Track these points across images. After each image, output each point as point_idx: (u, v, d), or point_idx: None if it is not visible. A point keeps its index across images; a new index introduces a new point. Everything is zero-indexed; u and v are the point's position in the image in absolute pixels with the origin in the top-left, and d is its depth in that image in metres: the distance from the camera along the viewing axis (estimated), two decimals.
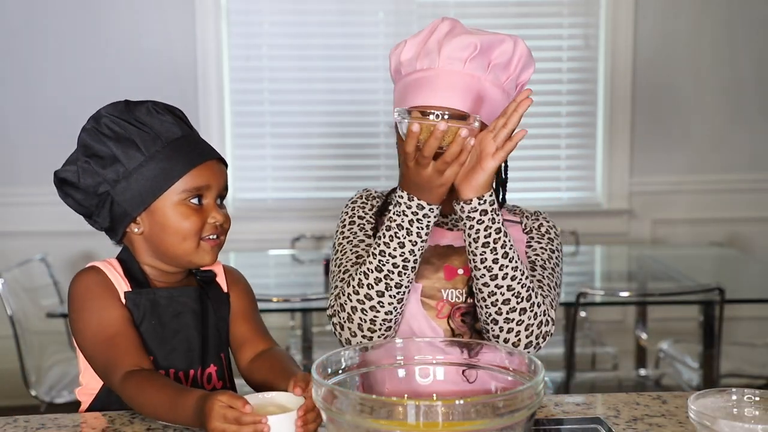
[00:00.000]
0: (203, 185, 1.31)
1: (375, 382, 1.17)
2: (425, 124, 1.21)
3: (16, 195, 3.79)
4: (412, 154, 1.24)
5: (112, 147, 1.30)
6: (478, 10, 3.80)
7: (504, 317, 1.32)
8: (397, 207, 1.30)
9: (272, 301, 2.65)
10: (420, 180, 1.26)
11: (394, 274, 1.31)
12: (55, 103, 3.75)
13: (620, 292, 2.81)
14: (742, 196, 3.96)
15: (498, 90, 1.41)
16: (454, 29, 1.39)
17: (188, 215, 1.30)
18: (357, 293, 1.33)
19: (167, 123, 1.32)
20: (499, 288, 1.31)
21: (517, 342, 1.33)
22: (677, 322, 3.71)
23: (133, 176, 1.29)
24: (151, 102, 1.34)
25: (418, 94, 1.37)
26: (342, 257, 1.44)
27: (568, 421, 1.24)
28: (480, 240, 1.30)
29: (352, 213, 1.50)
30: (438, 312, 1.41)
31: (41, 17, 3.73)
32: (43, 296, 3.09)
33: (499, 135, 1.27)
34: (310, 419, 1.13)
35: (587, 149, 3.97)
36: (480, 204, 1.29)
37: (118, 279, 1.32)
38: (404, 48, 1.41)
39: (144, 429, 1.21)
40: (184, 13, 3.77)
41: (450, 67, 1.36)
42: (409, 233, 1.29)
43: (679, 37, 3.88)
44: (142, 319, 1.31)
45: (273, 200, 3.94)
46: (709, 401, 1.11)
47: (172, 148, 1.30)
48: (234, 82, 3.86)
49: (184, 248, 1.32)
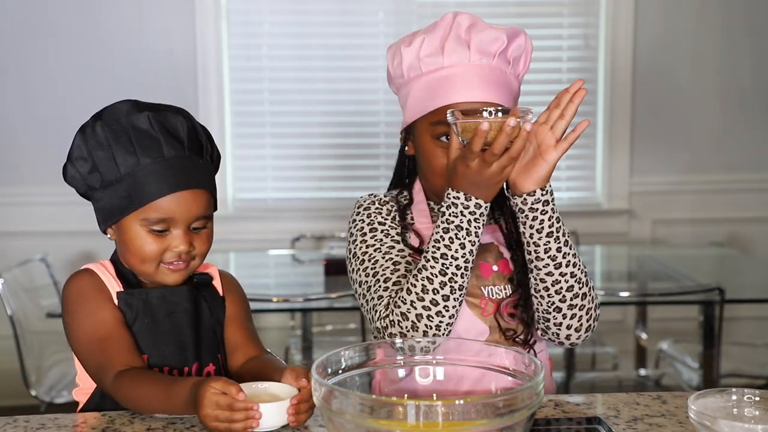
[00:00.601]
0: (166, 218, 1.29)
1: (375, 382, 1.17)
2: (494, 121, 1.21)
3: (16, 195, 3.79)
4: (478, 152, 1.23)
5: (96, 155, 1.30)
6: (478, 10, 3.77)
7: (568, 304, 1.35)
8: (453, 208, 1.29)
9: (272, 301, 2.65)
10: (481, 178, 1.25)
11: (458, 276, 1.31)
12: (55, 103, 3.75)
13: (620, 292, 2.81)
14: (742, 196, 3.96)
15: (517, 83, 1.44)
16: (476, 23, 1.40)
17: (149, 241, 1.30)
18: (422, 299, 1.30)
19: (154, 142, 1.29)
20: (563, 276, 1.34)
21: (579, 327, 1.38)
22: (677, 322, 3.71)
23: (108, 189, 1.31)
24: (152, 111, 1.32)
25: (454, 91, 1.36)
26: (375, 266, 1.40)
27: (568, 421, 1.24)
28: (544, 230, 1.32)
29: (369, 220, 1.45)
30: (483, 310, 1.41)
31: (42, 17, 3.73)
32: (43, 296, 3.08)
33: (557, 126, 1.28)
34: (302, 409, 1.16)
35: (587, 149, 3.97)
36: (543, 195, 1.31)
37: (110, 280, 1.34)
38: (423, 43, 1.39)
39: (144, 429, 1.21)
40: (184, 13, 3.77)
41: (480, 62, 1.37)
42: (468, 233, 1.29)
43: (679, 36, 3.88)
44: (134, 318, 1.32)
45: (273, 200, 3.94)
46: (709, 401, 1.11)
47: (147, 171, 1.28)
48: (234, 82, 3.86)
49: (143, 269, 1.33)
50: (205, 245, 1.35)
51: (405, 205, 1.49)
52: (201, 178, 1.33)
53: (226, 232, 3.77)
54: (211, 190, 1.36)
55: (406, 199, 1.50)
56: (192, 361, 1.35)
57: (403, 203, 1.49)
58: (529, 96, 4.34)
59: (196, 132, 1.35)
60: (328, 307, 2.79)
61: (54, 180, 4.46)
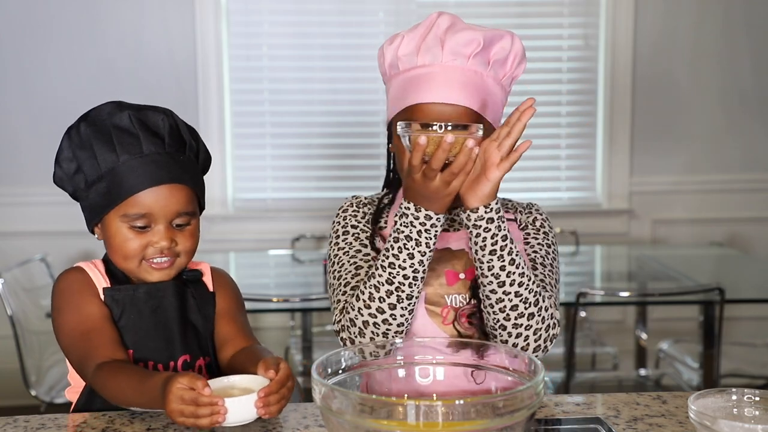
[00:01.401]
0: (145, 213, 1.31)
1: (375, 382, 1.17)
2: (432, 136, 1.21)
3: (16, 195, 3.79)
4: (418, 166, 1.23)
5: (79, 155, 1.34)
6: (477, 10, 3.80)
7: (512, 323, 1.32)
8: (404, 218, 1.29)
9: (272, 301, 2.65)
10: (427, 191, 1.25)
11: (405, 285, 1.30)
12: (55, 103, 3.75)
13: (620, 292, 2.80)
14: (742, 196, 3.96)
15: (498, 87, 1.40)
16: (455, 24, 1.38)
17: (129, 238, 1.32)
18: (368, 307, 1.31)
19: (134, 138, 1.31)
20: (507, 294, 1.31)
21: (525, 347, 1.33)
22: (677, 322, 3.72)
23: (91, 188, 1.33)
24: (133, 110, 1.34)
25: (421, 90, 1.36)
26: (340, 269, 1.42)
27: (568, 421, 1.24)
28: (487, 248, 1.29)
29: (344, 222, 1.48)
30: (444, 318, 1.40)
31: (42, 17, 3.73)
32: (43, 296, 3.08)
33: (504, 145, 1.26)
34: (271, 401, 1.15)
35: (587, 149, 3.97)
36: (486, 212, 1.28)
37: (99, 277, 1.36)
38: (402, 42, 1.40)
39: (144, 429, 1.21)
40: (184, 13, 3.77)
41: (453, 62, 1.36)
42: (418, 244, 1.28)
43: (679, 37, 3.88)
44: (120, 314, 1.34)
45: (273, 200, 3.94)
46: (709, 401, 1.11)
47: (125, 167, 1.30)
48: (234, 82, 3.86)
49: (127, 267, 1.35)
50: (189, 242, 1.36)
51: (383, 207, 1.49)
52: (180, 174, 1.34)
53: (226, 232, 3.77)
54: (193, 186, 1.36)
55: (389, 200, 1.50)
56: (179, 355, 1.36)
57: (384, 204, 1.49)
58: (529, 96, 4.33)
59: (178, 129, 1.36)
60: (328, 307, 2.78)
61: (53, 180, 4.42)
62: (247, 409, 1.15)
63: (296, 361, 3.17)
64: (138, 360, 1.33)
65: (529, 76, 3.88)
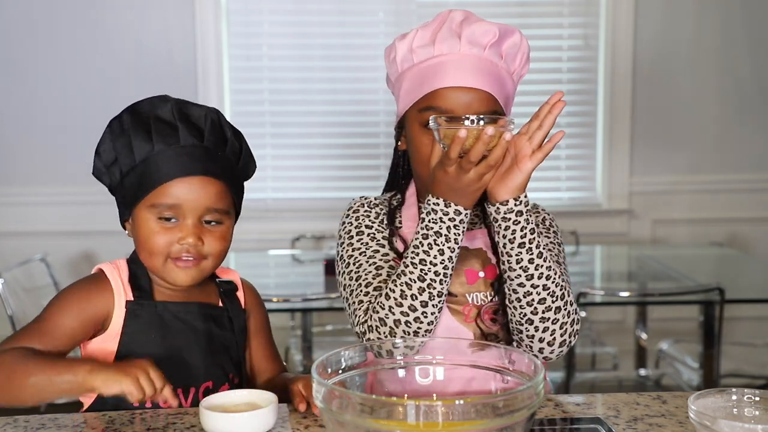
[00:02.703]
0: (171, 204, 1.26)
1: (375, 382, 1.17)
2: (472, 129, 1.20)
3: (16, 195, 3.79)
4: (455, 159, 1.22)
5: (116, 145, 1.29)
6: (478, 10, 3.76)
7: (540, 317, 1.32)
8: (433, 215, 1.28)
9: (272, 301, 2.65)
10: (460, 184, 1.24)
11: (437, 282, 1.29)
12: (55, 103, 3.75)
13: (620, 292, 2.80)
14: (742, 196, 3.96)
15: (510, 80, 1.41)
16: (469, 17, 1.40)
17: (155, 232, 1.27)
18: (400, 305, 1.29)
19: (172, 129, 1.27)
20: (535, 288, 1.30)
21: (552, 341, 1.33)
22: (677, 322, 3.72)
23: (126, 178, 1.29)
24: (178, 104, 1.31)
25: (440, 76, 1.35)
26: (359, 270, 1.39)
27: (568, 421, 1.24)
28: (516, 241, 1.29)
29: (357, 223, 1.45)
30: (466, 317, 1.39)
31: (41, 17, 3.73)
32: (43, 296, 3.08)
33: (535, 137, 1.27)
34: None
35: (587, 149, 3.98)
36: (516, 205, 1.28)
37: (119, 285, 1.30)
38: (416, 35, 1.40)
39: (144, 429, 1.21)
40: (184, 13, 3.77)
41: (471, 51, 1.36)
42: (447, 240, 1.28)
43: (679, 37, 3.88)
44: (139, 330, 1.29)
45: (273, 200, 3.94)
46: (709, 401, 1.11)
47: (160, 156, 1.26)
48: (234, 82, 3.87)
49: (152, 264, 1.30)
50: (218, 243, 1.30)
51: (395, 208, 1.48)
52: (215, 168, 1.28)
53: None
54: (228, 183, 1.31)
55: (398, 201, 1.49)
56: (201, 382, 1.32)
57: (393, 205, 1.48)
58: (529, 96, 4.35)
59: (221, 126, 1.33)
60: (328, 307, 2.78)
61: (54, 180, 4.47)
62: (252, 424, 1.16)
63: (296, 361, 3.17)
64: None
65: (530, 76, 3.83)
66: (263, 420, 1.17)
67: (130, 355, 1.27)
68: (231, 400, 1.22)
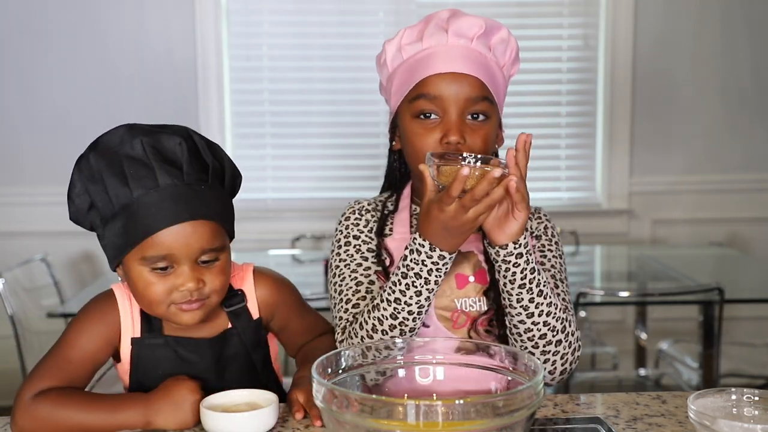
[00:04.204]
0: (165, 254, 1.19)
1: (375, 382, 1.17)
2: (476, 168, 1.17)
3: (16, 195, 3.79)
4: (455, 197, 1.17)
5: (91, 190, 1.21)
6: (477, 10, 3.78)
7: (541, 350, 1.31)
8: (416, 255, 1.24)
9: None
10: (455, 224, 1.19)
11: (409, 320, 1.28)
12: (55, 102, 3.75)
13: (620, 292, 2.80)
14: (741, 196, 3.96)
15: (499, 72, 1.40)
16: (456, 13, 1.40)
17: (152, 282, 1.21)
18: (371, 337, 1.29)
19: (148, 170, 1.18)
20: (535, 324, 1.30)
21: (553, 370, 1.33)
22: (677, 322, 3.72)
23: (108, 226, 1.21)
24: (147, 136, 1.20)
25: (428, 66, 1.35)
26: (341, 283, 1.40)
27: (568, 421, 1.24)
28: (516, 282, 1.27)
29: (346, 232, 1.45)
30: (454, 323, 1.38)
31: (42, 18, 3.73)
32: (44, 296, 3.09)
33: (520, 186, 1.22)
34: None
35: (587, 149, 3.97)
36: (516, 248, 1.25)
37: (127, 315, 1.29)
38: (404, 34, 1.41)
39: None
40: (184, 13, 3.77)
41: (458, 42, 1.36)
42: (427, 282, 1.25)
43: (679, 36, 3.88)
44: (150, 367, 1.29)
45: (273, 200, 3.94)
46: (708, 401, 1.11)
47: (140, 204, 1.17)
48: (234, 82, 3.87)
49: (155, 312, 1.25)
50: (218, 280, 1.25)
51: (388, 213, 1.46)
52: (202, 207, 1.21)
53: None
54: (219, 220, 1.25)
55: (393, 205, 1.48)
56: None
57: (388, 209, 1.47)
58: (529, 96, 4.34)
59: (198, 153, 1.24)
60: (328, 307, 2.78)
61: (54, 180, 4.47)
62: (253, 424, 1.16)
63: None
64: None
65: (530, 76, 3.88)
66: (264, 420, 1.17)
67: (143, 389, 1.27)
68: (231, 400, 1.22)
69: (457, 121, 1.33)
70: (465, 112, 1.34)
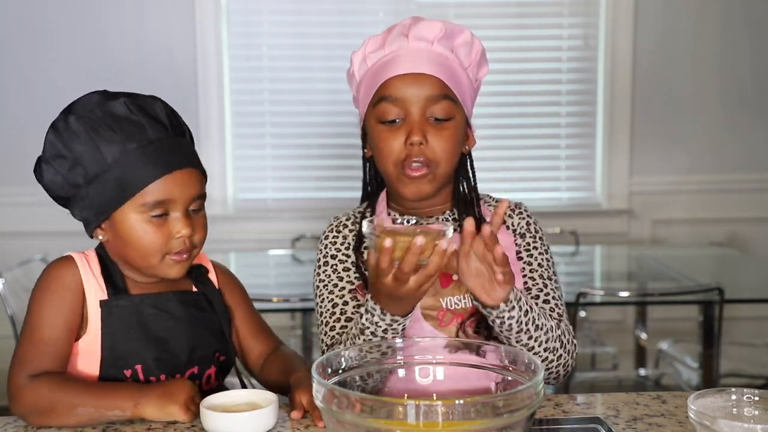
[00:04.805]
0: (164, 199, 1.26)
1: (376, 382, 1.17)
2: (400, 239, 1.11)
3: (16, 195, 3.79)
4: (388, 269, 1.14)
5: (75, 149, 1.26)
6: (477, 11, 3.80)
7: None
8: (369, 316, 1.24)
9: (272, 301, 2.65)
10: (398, 294, 1.17)
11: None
12: (56, 102, 3.74)
13: (620, 292, 2.80)
14: (741, 197, 3.96)
15: (465, 75, 1.41)
16: (417, 19, 1.42)
17: (149, 231, 1.26)
18: None
19: (137, 126, 1.26)
20: (536, 353, 1.32)
21: (548, 375, 1.36)
22: (677, 322, 3.72)
23: (94, 183, 1.26)
24: (127, 97, 1.30)
25: (389, 69, 1.38)
26: (321, 305, 1.44)
27: (568, 421, 1.24)
28: (513, 330, 1.27)
29: (325, 252, 1.48)
30: (440, 321, 1.38)
31: (42, 17, 3.73)
32: None
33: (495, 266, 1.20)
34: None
35: (587, 149, 3.97)
36: (506, 306, 1.24)
37: (90, 280, 1.30)
38: (368, 43, 1.45)
39: (144, 429, 1.21)
40: (184, 13, 3.77)
41: (418, 45, 1.38)
42: (384, 338, 1.25)
43: (679, 37, 3.88)
44: (120, 328, 1.29)
45: (273, 200, 3.94)
46: (708, 401, 1.11)
47: (135, 155, 1.25)
48: (234, 82, 3.87)
49: (146, 263, 1.29)
50: (202, 231, 1.32)
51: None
52: (190, 157, 1.31)
53: (226, 232, 3.77)
54: (202, 168, 1.34)
55: (370, 215, 1.48)
56: (185, 369, 1.33)
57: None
58: (529, 96, 4.34)
59: (175, 115, 1.34)
60: None
61: None
62: (253, 424, 1.17)
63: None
64: (145, 376, 1.29)
65: (529, 76, 3.88)
66: (264, 420, 1.17)
67: (116, 354, 1.28)
68: (232, 400, 1.22)
69: (419, 121, 1.35)
70: (426, 112, 1.36)
